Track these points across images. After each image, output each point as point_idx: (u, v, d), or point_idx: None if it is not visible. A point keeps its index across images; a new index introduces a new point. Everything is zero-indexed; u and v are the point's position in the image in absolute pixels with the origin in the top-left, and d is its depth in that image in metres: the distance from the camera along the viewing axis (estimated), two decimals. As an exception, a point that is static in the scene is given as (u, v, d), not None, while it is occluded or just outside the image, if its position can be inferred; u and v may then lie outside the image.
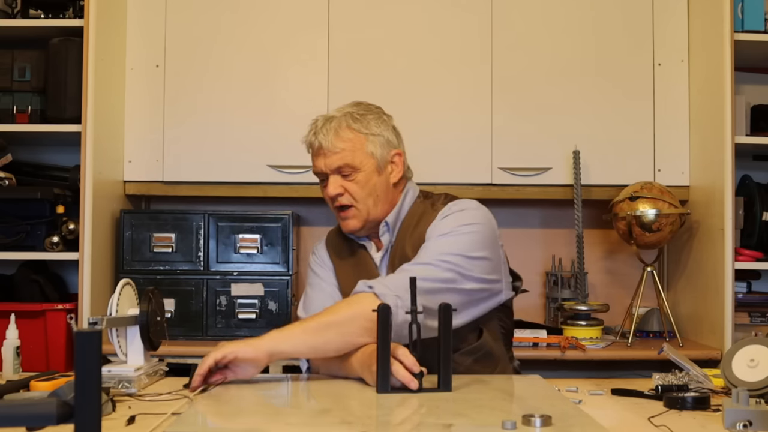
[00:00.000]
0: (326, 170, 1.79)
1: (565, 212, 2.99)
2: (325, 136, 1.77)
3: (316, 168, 1.82)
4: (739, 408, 1.26)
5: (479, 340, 1.74)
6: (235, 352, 1.53)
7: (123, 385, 1.59)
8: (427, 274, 1.62)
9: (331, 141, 1.76)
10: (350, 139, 1.78)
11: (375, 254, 1.85)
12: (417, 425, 1.27)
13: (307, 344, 1.58)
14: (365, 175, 1.79)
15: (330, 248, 1.92)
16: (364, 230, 1.83)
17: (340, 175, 1.78)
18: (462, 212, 1.75)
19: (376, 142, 1.80)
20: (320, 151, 1.78)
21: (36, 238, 2.61)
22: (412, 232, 1.80)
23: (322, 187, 1.83)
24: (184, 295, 2.70)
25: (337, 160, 1.77)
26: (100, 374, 0.80)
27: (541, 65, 2.85)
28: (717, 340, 2.55)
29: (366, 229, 1.83)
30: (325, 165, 1.79)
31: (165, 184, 2.85)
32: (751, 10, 2.65)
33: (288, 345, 1.57)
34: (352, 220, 1.80)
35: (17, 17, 2.72)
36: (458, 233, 1.70)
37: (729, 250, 2.52)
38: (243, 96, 2.84)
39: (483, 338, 1.74)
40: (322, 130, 1.78)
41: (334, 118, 1.80)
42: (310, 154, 1.85)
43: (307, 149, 1.85)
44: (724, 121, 2.54)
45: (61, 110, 2.64)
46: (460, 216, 1.74)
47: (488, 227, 1.75)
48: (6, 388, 1.58)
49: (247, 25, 2.85)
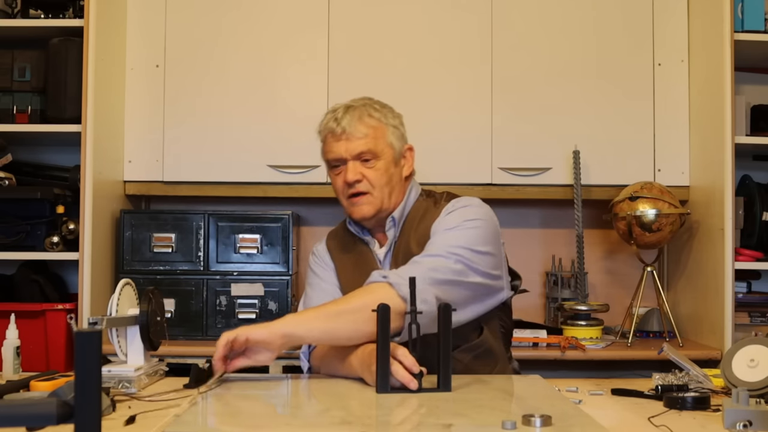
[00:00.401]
0: (347, 155, 1.79)
1: (565, 212, 2.99)
2: (350, 121, 1.79)
3: (334, 154, 1.81)
4: (739, 408, 1.26)
5: (480, 337, 1.75)
6: (248, 333, 1.53)
7: (123, 385, 1.59)
8: (439, 264, 1.63)
9: (356, 126, 1.78)
10: (373, 127, 1.80)
11: (378, 250, 1.85)
12: (417, 425, 1.27)
13: (321, 329, 1.57)
14: (385, 164, 1.81)
15: (331, 247, 1.93)
16: (373, 220, 1.84)
17: (360, 162, 1.79)
18: (466, 208, 1.77)
19: (395, 134, 1.84)
20: (342, 136, 1.79)
21: (36, 238, 2.61)
22: (416, 228, 1.81)
23: (334, 174, 1.83)
24: (184, 295, 2.70)
25: (360, 146, 1.79)
26: (100, 374, 0.80)
27: (541, 65, 2.85)
28: (717, 340, 2.55)
29: (375, 219, 1.84)
30: (346, 150, 1.79)
31: (165, 184, 2.85)
32: (751, 10, 2.65)
33: (302, 329, 1.57)
34: (366, 206, 1.81)
35: (17, 17, 2.72)
36: (464, 227, 1.72)
37: (729, 250, 2.51)
38: (243, 96, 2.84)
39: (483, 336, 1.75)
40: (345, 116, 1.80)
41: (354, 106, 1.82)
42: (323, 141, 1.85)
43: (321, 137, 1.86)
44: (724, 121, 2.54)
45: (61, 110, 2.64)
46: (464, 211, 1.76)
47: (492, 224, 1.78)
48: (6, 388, 1.58)
49: (247, 25, 2.85)
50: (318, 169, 2.80)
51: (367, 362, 1.54)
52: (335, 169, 1.83)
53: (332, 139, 1.81)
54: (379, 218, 1.84)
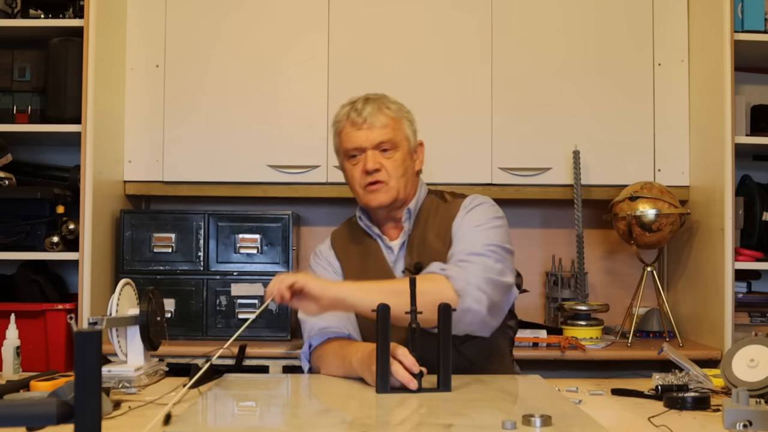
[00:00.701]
0: (367, 144, 1.81)
1: (565, 212, 2.99)
2: (371, 111, 1.81)
3: (354, 143, 1.82)
4: (739, 408, 1.26)
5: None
6: (307, 283, 1.54)
7: (123, 385, 1.59)
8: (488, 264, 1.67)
9: (377, 116, 1.81)
10: (392, 118, 1.83)
11: (391, 243, 1.87)
12: (417, 425, 1.27)
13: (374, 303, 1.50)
14: (402, 155, 1.84)
15: (336, 247, 1.93)
16: (387, 210, 1.85)
17: (378, 151, 1.81)
18: (485, 205, 1.83)
19: (410, 127, 1.88)
20: (363, 125, 1.81)
21: (36, 238, 2.61)
22: (433, 221, 1.84)
23: (351, 164, 1.84)
24: (184, 295, 2.70)
25: (381, 135, 1.81)
26: (100, 374, 0.80)
27: (541, 65, 2.84)
28: (717, 340, 2.55)
29: (389, 209, 1.85)
30: (366, 139, 1.81)
31: (165, 184, 2.85)
32: (751, 10, 2.65)
33: (355, 298, 1.56)
34: (383, 194, 1.82)
35: (17, 17, 2.72)
36: (492, 225, 1.77)
37: (729, 250, 2.51)
38: (243, 96, 2.84)
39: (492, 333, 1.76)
40: (366, 106, 1.82)
41: (372, 98, 1.85)
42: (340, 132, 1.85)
43: (338, 127, 1.86)
44: (724, 121, 2.54)
45: (61, 110, 2.64)
46: (486, 209, 1.81)
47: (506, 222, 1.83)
48: (6, 388, 1.58)
49: (247, 25, 2.85)
50: (318, 169, 2.80)
51: (367, 362, 1.54)
52: (352, 159, 1.84)
53: (352, 129, 1.82)
54: (393, 209, 1.86)
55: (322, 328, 1.78)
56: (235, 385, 1.57)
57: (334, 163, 2.80)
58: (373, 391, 1.46)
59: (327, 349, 1.74)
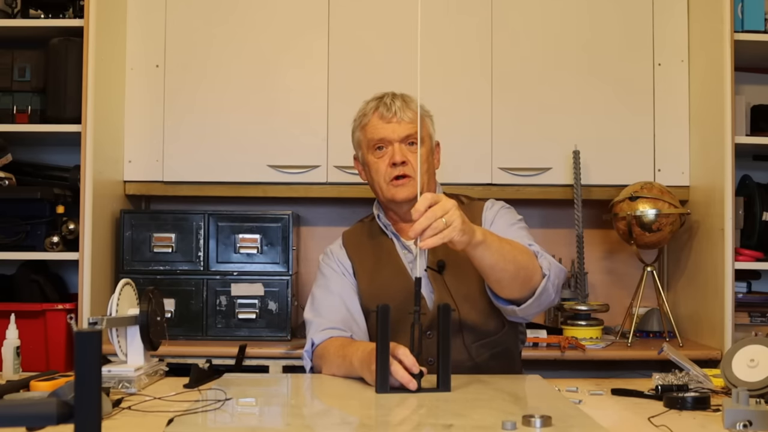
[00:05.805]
0: (394, 137, 1.84)
1: (565, 212, 2.99)
2: (400, 105, 1.85)
3: (381, 134, 1.84)
4: (739, 408, 1.26)
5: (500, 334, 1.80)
6: (453, 213, 1.49)
7: (123, 385, 1.59)
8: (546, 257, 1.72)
9: (405, 111, 1.85)
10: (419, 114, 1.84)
11: (408, 242, 1.87)
12: (417, 425, 1.27)
13: (498, 250, 1.56)
14: (426, 151, 1.87)
15: (348, 246, 1.93)
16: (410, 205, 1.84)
17: (405, 145, 1.84)
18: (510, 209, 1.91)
19: (432, 127, 1.92)
20: (393, 118, 1.84)
21: (36, 238, 2.61)
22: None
23: (376, 158, 1.85)
24: (184, 295, 2.70)
25: (408, 129, 1.84)
26: (100, 374, 0.80)
27: (541, 65, 2.84)
28: (717, 340, 2.55)
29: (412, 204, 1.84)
30: (393, 131, 1.84)
31: (165, 184, 2.85)
32: (751, 10, 2.65)
33: (489, 238, 1.56)
34: (409, 189, 1.83)
35: (17, 17, 2.72)
36: (520, 226, 1.84)
37: (729, 250, 2.51)
38: (243, 96, 2.84)
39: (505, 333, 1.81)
40: (395, 101, 1.86)
41: (398, 95, 1.89)
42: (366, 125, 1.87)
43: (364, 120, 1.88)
44: (724, 121, 2.54)
45: (61, 110, 2.64)
46: (512, 212, 1.90)
47: None
48: (6, 388, 1.58)
49: (247, 25, 2.85)
50: (318, 169, 2.80)
51: (367, 362, 1.54)
52: (378, 152, 1.86)
53: (381, 122, 1.85)
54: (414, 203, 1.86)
55: (326, 327, 1.79)
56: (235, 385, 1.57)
57: (334, 163, 2.81)
58: (372, 391, 1.47)
59: (329, 348, 1.74)
